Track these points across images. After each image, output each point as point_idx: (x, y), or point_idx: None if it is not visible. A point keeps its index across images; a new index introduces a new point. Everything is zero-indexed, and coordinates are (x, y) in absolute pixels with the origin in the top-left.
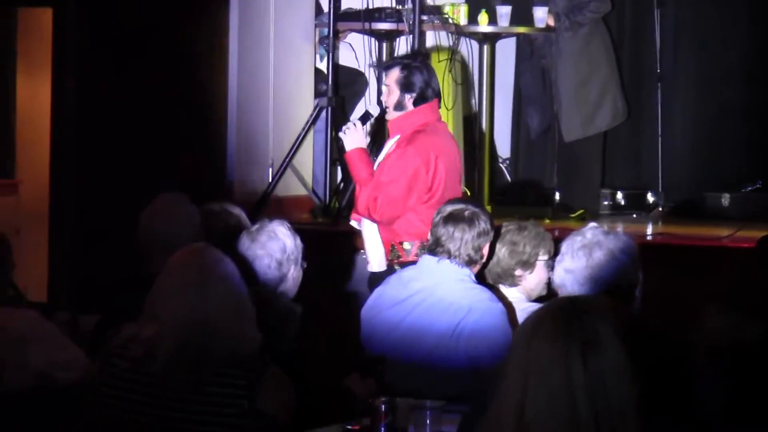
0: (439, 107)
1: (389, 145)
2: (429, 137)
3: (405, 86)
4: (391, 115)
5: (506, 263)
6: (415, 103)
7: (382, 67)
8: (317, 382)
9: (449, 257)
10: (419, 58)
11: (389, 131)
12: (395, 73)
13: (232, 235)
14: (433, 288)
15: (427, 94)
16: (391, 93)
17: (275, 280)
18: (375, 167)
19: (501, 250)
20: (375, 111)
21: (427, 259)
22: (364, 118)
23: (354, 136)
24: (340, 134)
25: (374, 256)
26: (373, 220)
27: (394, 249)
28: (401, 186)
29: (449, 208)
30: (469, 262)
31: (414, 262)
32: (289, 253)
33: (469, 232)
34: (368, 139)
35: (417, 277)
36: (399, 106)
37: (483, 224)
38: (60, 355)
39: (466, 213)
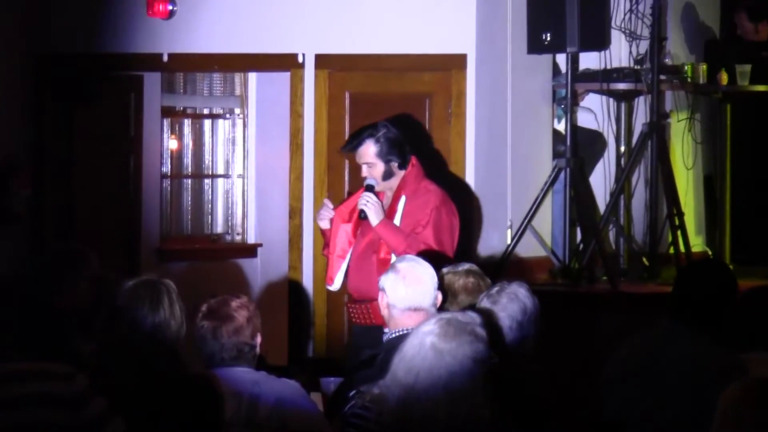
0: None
1: (400, 207)
2: (439, 189)
3: (385, 157)
4: (384, 185)
5: None
6: (400, 167)
7: (348, 149)
8: None
9: None
10: (378, 125)
11: (391, 195)
12: (370, 149)
13: None
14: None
15: (406, 153)
16: (375, 167)
17: (516, 341)
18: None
19: None
20: (374, 182)
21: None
22: (370, 189)
23: (375, 207)
24: (362, 207)
25: None
26: None
27: None
28: (447, 241)
29: None
30: None
31: None
32: (530, 314)
33: None
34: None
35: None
36: (388, 175)
37: None
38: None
39: None
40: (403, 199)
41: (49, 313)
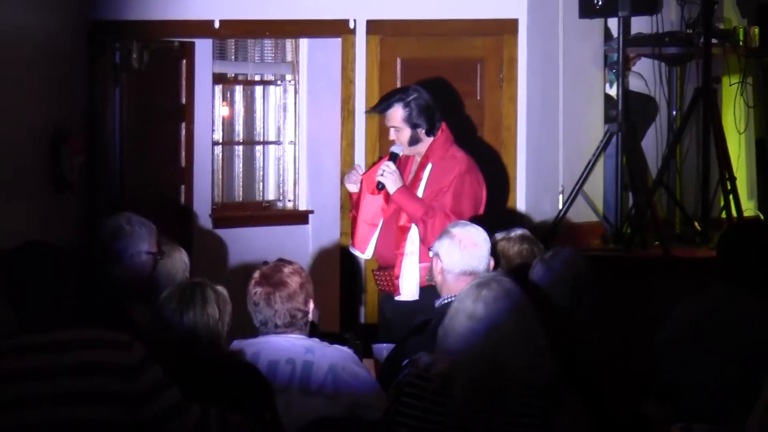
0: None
1: (426, 174)
2: (467, 156)
3: (413, 122)
4: (410, 150)
5: None
6: (428, 133)
7: (377, 110)
8: (613, 409)
9: None
10: (410, 89)
11: (418, 161)
12: (398, 113)
13: None
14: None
15: (436, 120)
16: (402, 132)
17: (570, 307)
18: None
19: None
20: (400, 150)
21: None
22: (393, 158)
23: (393, 177)
24: (379, 178)
25: (409, 285)
26: None
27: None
28: (468, 208)
29: None
30: None
31: None
32: (584, 280)
33: None
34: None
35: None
36: (414, 140)
37: None
38: (365, 397)
39: None
40: (429, 166)
41: (106, 282)
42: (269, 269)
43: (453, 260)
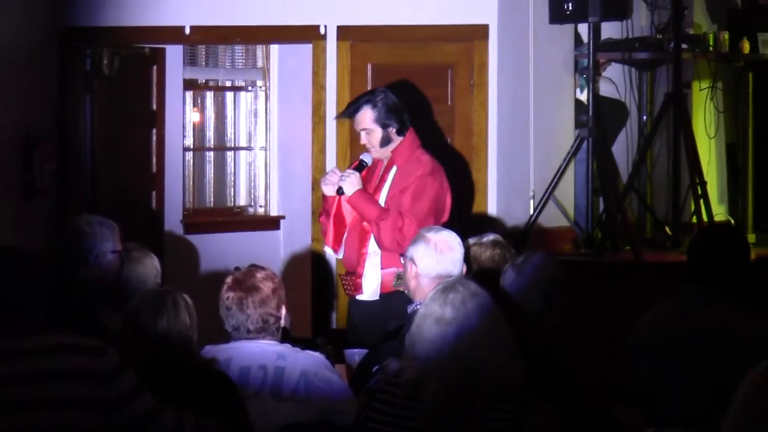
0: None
1: (390, 177)
2: (432, 160)
3: (383, 122)
4: (380, 152)
5: None
6: (399, 132)
7: (345, 115)
8: (585, 414)
9: None
10: (376, 91)
11: (385, 164)
12: (368, 114)
13: None
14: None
15: (405, 119)
16: (373, 133)
17: (542, 312)
18: (382, 202)
19: None
20: (368, 159)
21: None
22: (360, 167)
23: (351, 180)
24: (340, 183)
25: (371, 284)
26: (402, 250)
27: (400, 276)
28: (425, 210)
29: None
30: None
31: None
32: (556, 284)
33: None
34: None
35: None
36: (385, 141)
37: None
38: (337, 403)
39: None
40: (394, 169)
41: (75, 286)
42: (242, 274)
43: (428, 264)
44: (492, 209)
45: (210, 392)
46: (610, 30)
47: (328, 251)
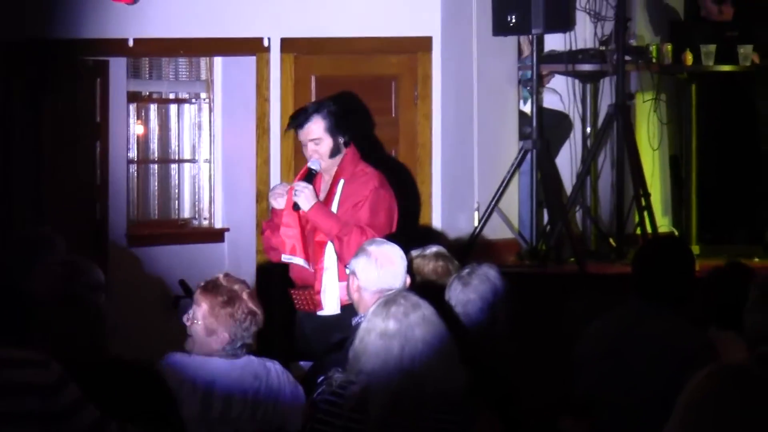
0: None
1: (339, 190)
2: (377, 172)
3: (335, 131)
4: (329, 162)
5: None
6: (346, 144)
7: (294, 125)
8: (530, 425)
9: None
10: (323, 101)
11: (332, 177)
12: (319, 124)
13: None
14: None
15: (351, 131)
16: (322, 143)
17: (487, 322)
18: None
19: None
20: (316, 165)
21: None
22: (309, 175)
23: (306, 194)
24: (294, 199)
25: (331, 300)
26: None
27: None
28: (383, 223)
29: None
30: None
31: None
32: (501, 295)
33: None
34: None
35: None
36: (335, 151)
37: None
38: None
39: None
40: (341, 182)
41: (18, 299)
42: (249, 293)
43: (369, 278)
44: (436, 221)
45: (134, 391)
46: (553, 42)
47: (299, 262)
